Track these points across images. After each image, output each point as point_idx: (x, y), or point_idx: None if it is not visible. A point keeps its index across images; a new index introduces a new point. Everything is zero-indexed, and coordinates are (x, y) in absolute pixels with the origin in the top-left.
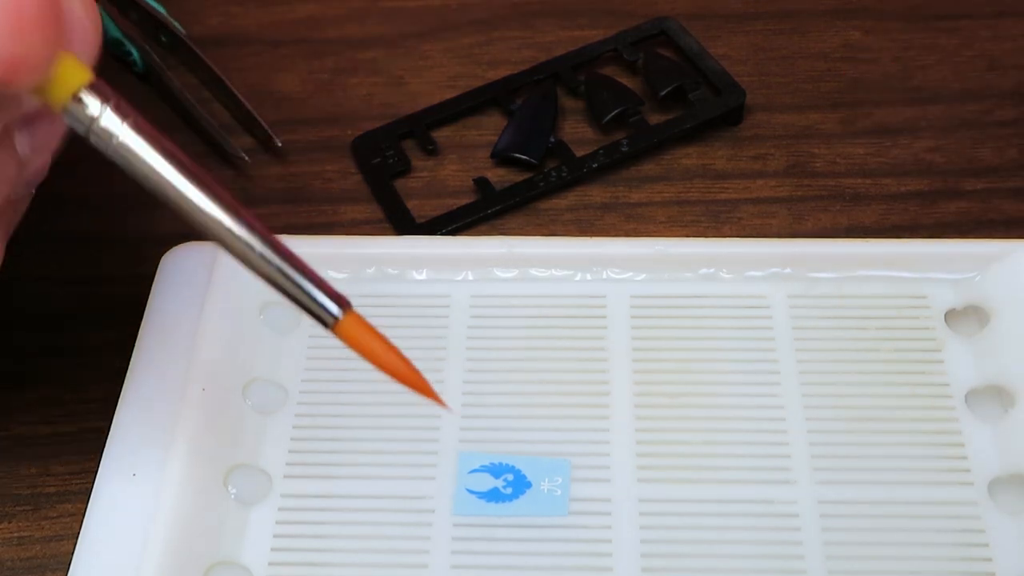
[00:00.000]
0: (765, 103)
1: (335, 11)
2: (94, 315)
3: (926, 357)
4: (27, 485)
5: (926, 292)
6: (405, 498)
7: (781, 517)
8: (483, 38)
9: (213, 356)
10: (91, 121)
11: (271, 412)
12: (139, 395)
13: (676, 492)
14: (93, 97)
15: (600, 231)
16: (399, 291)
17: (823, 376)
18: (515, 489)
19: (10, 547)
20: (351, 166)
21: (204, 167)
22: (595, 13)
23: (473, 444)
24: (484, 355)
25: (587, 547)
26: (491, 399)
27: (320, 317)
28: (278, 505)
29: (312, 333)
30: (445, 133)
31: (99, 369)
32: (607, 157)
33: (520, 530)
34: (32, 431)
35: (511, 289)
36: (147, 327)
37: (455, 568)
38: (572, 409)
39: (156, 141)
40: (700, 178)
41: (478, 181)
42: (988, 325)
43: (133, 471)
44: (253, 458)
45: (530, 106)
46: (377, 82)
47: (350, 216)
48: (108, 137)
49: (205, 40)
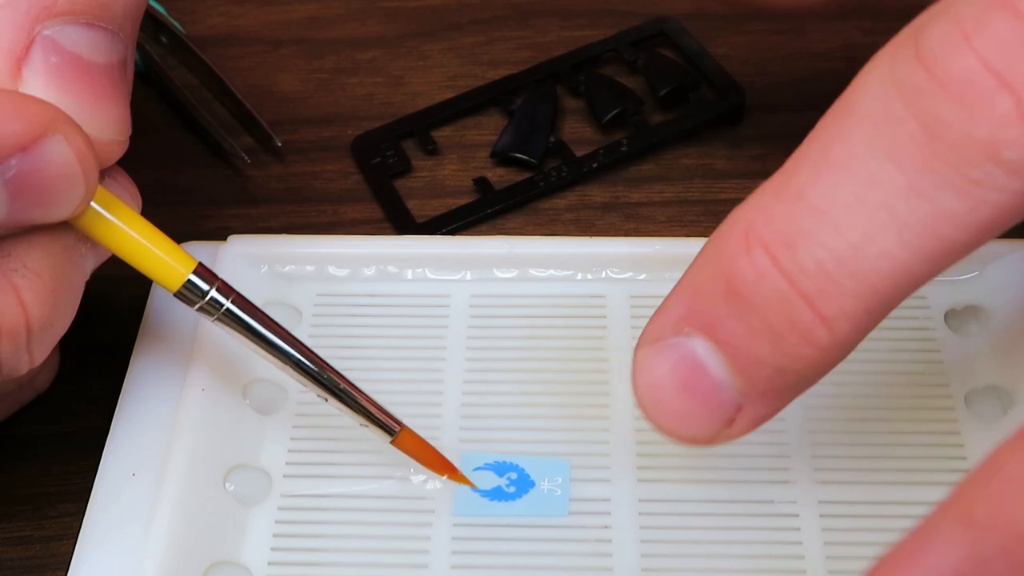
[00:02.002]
0: (765, 103)
1: (335, 11)
2: (94, 315)
3: (926, 357)
4: (27, 485)
5: (925, 292)
6: (405, 498)
7: (781, 517)
8: (483, 38)
9: (213, 356)
10: (200, 299)
11: (271, 412)
12: (139, 395)
13: (676, 492)
14: (200, 280)
15: (600, 231)
16: (399, 291)
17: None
18: (519, 488)
19: (10, 547)
20: (351, 166)
21: (204, 167)
22: (595, 13)
23: (473, 444)
24: (484, 355)
25: (587, 547)
26: (491, 399)
27: (386, 429)
28: (278, 505)
29: (312, 334)
30: (445, 133)
31: (99, 369)
32: (607, 157)
33: (520, 530)
34: (32, 431)
35: (511, 289)
36: (147, 327)
37: (455, 568)
38: (572, 409)
39: (251, 310)
40: (700, 178)
41: (478, 181)
42: (988, 325)
43: (133, 471)
44: (253, 458)
45: (530, 106)
46: (377, 82)
47: (350, 216)
48: (213, 311)
49: (205, 40)
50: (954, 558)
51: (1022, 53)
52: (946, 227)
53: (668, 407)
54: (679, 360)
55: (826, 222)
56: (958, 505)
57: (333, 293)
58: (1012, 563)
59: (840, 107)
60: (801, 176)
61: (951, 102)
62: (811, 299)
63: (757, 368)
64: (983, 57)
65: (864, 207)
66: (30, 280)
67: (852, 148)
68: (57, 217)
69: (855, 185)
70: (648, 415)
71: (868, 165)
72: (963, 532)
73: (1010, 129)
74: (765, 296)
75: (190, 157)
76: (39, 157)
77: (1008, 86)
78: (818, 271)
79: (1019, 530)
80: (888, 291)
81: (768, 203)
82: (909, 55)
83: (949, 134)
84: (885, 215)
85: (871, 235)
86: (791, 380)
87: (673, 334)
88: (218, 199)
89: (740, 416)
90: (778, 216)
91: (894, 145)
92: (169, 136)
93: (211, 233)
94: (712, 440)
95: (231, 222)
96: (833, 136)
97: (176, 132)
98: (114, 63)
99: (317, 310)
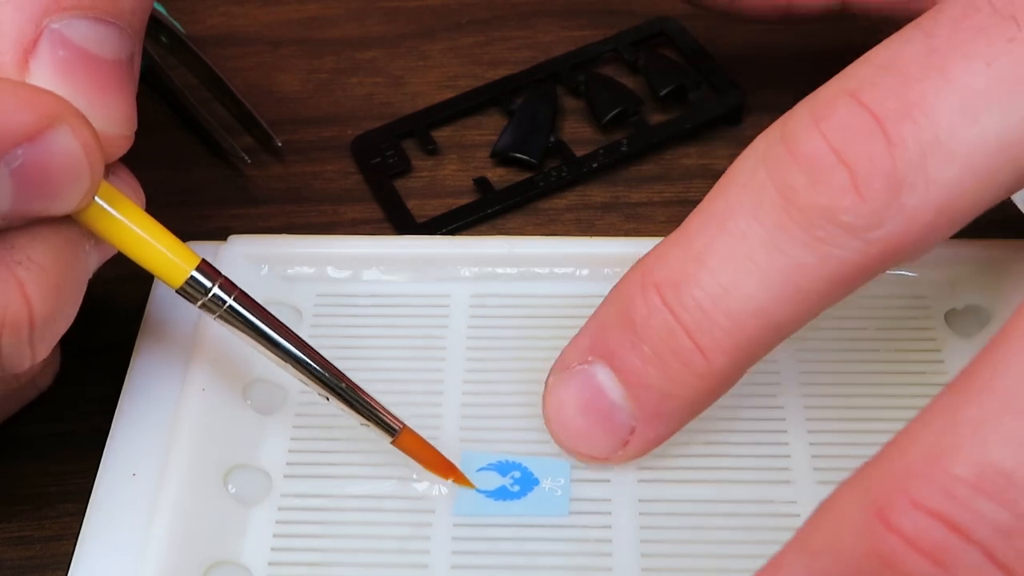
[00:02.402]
0: (765, 103)
1: (335, 11)
2: (94, 315)
3: (926, 357)
4: (27, 485)
5: (926, 292)
6: (405, 498)
7: (781, 517)
8: (483, 38)
9: (213, 356)
10: (203, 296)
11: (271, 412)
12: (139, 395)
13: (676, 492)
14: (203, 277)
15: (600, 231)
16: (399, 291)
17: (823, 376)
18: (522, 487)
19: (10, 547)
20: (351, 166)
21: (204, 167)
22: (595, 13)
23: (473, 444)
24: (484, 355)
25: (587, 547)
26: (491, 399)
27: (387, 429)
28: (278, 505)
29: (312, 334)
30: (445, 133)
31: (99, 369)
32: (607, 157)
33: (520, 530)
34: (32, 431)
35: (511, 289)
36: (147, 328)
37: (455, 568)
38: None
39: (253, 308)
40: (700, 178)
41: (478, 181)
42: (988, 325)
43: (133, 471)
44: (253, 458)
45: (530, 106)
46: (377, 82)
47: (350, 216)
48: (216, 308)
49: (205, 40)
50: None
51: (858, 135)
52: (800, 277)
53: (570, 426)
54: (582, 384)
55: (704, 268)
56: (800, 537)
57: (333, 293)
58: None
59: (727, 172)
60: (690, 229)
61: (801, 173)
62: (690, 331)
63: (647, 392)
64: (827, 138)
65: (733, 256)
66: (34, 273)
67: (728, 207)
68: (62, 210)
69: (728, 238)
70: (553, 434)
71: (738, 222)
72: (802, 559)
73: (845, 197)
74: (655, 328)
75: (190, 157)
76: (45, 148)
77: (845, 163)
78: (696, 308)
79: (844, 557)
80: (755, 330)
81: (664, 251)
82: (776, 135)
83: (799, 199)
84: (750, 264)
85: (738, 280)
86: (676, 405)
87: (579, 363)
88: (218, 199)
89: (633, 438)
90: (670, 262)
91: (758, 206)
92: (169, 136)
93: (211, 233)
94: (609, 459)
95: (231, 222)
96: (717, 196)
97: (176, 132)
98: (121, 58)
99: (317, 310)
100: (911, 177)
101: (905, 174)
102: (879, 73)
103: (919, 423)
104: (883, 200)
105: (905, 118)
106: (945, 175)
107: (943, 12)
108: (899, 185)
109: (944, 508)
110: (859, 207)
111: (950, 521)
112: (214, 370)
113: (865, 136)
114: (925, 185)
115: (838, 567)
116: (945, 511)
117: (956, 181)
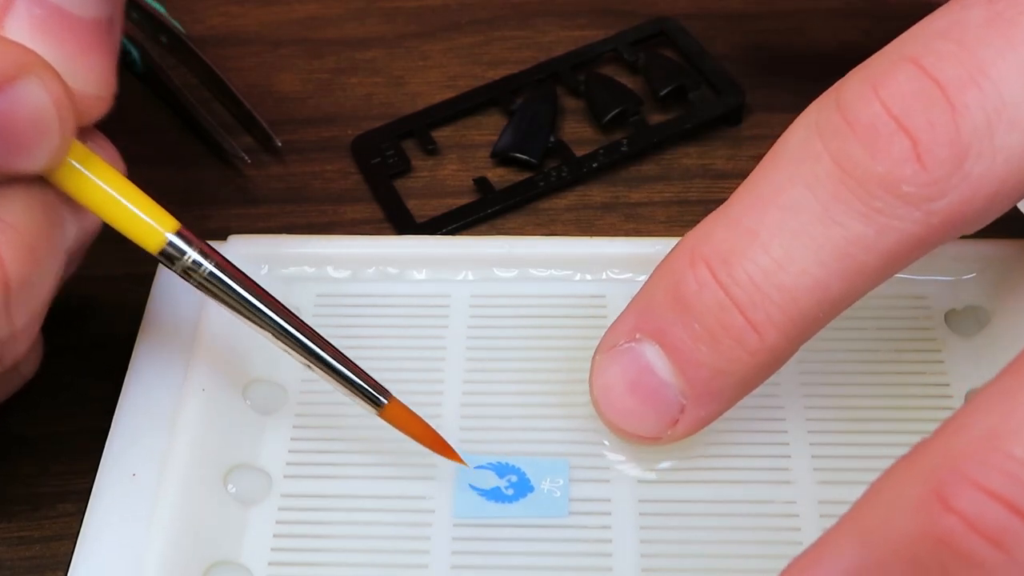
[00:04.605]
0: (765, 103)
1: (335, 11)
2: (94, 315)
3: (926, 357)
4: (27, 485)
5: (926, 292)
6: (405, 498)
7: (781, 517)
8: (483, 38)
9: (213, 356)
10: (182, 260)
11: (271, 412)
12: (139, 395)
13: (676, 492)
14: (182, 242)
15: (600, 231)
16: (399, 291)
17: (823, 376)
18: (516, 491)
19: (10, 547)
20: (351, 166)
21: (204, 167)
22: (595, 13)
23: (473, 444)
24: (484, 355)
25: (587, 547)
26: (491, 399)
27: (372, 401)
28: (278, 505)
29: None
30: (445, 133)
31: (99, 369)
32: (607, 157)
33: (520, 530)
34: (32, 431)
35: (511, 289)
36: (147, 327)
37: (455, 568)
38: (572, 409)
39: (234, 273)
40: (700, 178)
41: (478, 181)
42: (988, 325)
43: (133, 471)
44: (253, 458)
45: (530, 106)
46: (377, 82)
47: (350, 216)
48: (195, 272)
49: (205, 40)
50: (845, 561)
51: (919, 102)
52: (856, 250)
53: (618, 406)
54: (630, 363)
55: (756, 242)
56: (852, 517)
57: (333, 293)
58: (894, 566)
59: (775, 147)
60: (739, 205)
61: (859, 143)
62: (743, 307)
63: (697, 369)
64: (886, 105)
65: (787, 230)
66: (6, 234)
67: (780, 180)
68: (31, 167)
69: (780, 211)
70: (601, 414)
71: (791, 194)
72: (853, 540)
73: (906, 167)
74: (705, 304)
75: (190, 157)
76: (13, 98)
77: (906, 130)
78: (748, 283)
79: (897, 538)
80: (809, 305)
81: (711, 228)
82: (830, 104)
83: (856, 169)
84: (805, 237)
85: (792, 254)
86: (728, 382)
87: (626, 341)
88: (218, 199)
89: (683, 417)
90: (718, 238)
91: (812, 178)
92: (169, 136)
93: (211, 233)
94: (658, 438)
95: (231, 222)
96: (767, 170)
97: (176, 132)
98: (100, 18)
99: (317, 310)
100: (977, 145)
101: (971, 142)
102: (939, 39)
103: (977, 404)
104: (947, 169)
105: (970, 84)
106: (1011, 142)
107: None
108: (964, 153)
109: (1006, 490)
110: (921, 176)
111: (1011, 503)
112: (214, 370)
113: (927, 103)
114: (992, 153)
115: (891, 548)
116: (1007, 493)
117: (1021, 150)
